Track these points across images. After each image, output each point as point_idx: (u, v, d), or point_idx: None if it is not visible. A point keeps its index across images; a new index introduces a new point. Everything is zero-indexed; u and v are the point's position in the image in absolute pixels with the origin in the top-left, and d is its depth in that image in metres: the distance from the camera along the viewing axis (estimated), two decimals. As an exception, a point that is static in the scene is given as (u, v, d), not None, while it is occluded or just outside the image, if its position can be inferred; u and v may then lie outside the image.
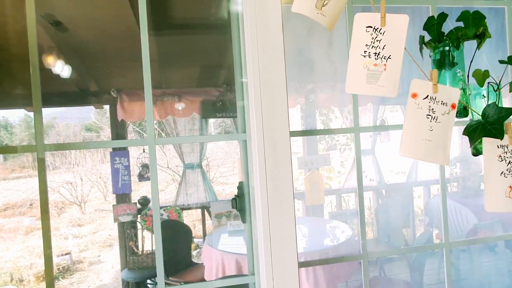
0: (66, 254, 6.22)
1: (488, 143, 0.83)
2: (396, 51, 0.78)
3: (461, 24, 0.84)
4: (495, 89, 0.78)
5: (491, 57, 0.89)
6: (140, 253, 4.13)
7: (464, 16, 0.82)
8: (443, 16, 0.82)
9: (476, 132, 0.76)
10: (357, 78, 0.80)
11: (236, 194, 1.02)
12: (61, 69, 3.46)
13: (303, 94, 4.54)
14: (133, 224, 4.14)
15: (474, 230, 3.44)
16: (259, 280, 0.93)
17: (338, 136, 4.98)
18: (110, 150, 3.96)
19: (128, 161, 4.08)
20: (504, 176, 0.82)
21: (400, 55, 0.78)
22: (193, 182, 4.39)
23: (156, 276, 3.66)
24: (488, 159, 0.83)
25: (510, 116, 0.72)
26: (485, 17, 0.83)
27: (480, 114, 0.75)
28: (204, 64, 4.10)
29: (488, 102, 0.84)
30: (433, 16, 0.84)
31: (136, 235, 4.13)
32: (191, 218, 6.38)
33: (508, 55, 1.17)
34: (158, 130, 9.11)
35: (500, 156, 0.83)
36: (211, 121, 5.14)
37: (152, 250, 3.97)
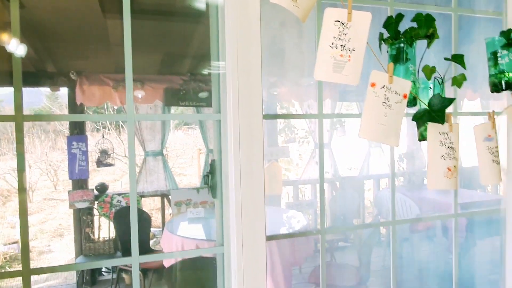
0: (13, 243, 5.95)
1: (432, 130, 0.96)
2: (359, 44, 0.89)
3: (415, 24, 0.96)
4: (440, 82, 0.91)
5: (438, 55, 1.03)
6: (96, 240, 4.06)
7: (418, 17, 0.95)
8: (400, 17, 0.94)
9: (423, 118, 0.88)
10: (324, 66, 0.90)
11: (209, 171, 1.09)
12: (16, 47, 3.30)
13: (265, 87, 4.65)
14: (89, 211, 4.05)
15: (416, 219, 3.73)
16: (229, 251, 1.01)
17: (298, 130, 5.15)
18: (67, 134, 3.83)
19: (86, 146, 3.98)
20: (444, 159, 0.96)
21: (363, 48, 0.89)
22: (153, 169, 4.36)
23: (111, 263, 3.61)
24: (431, 144, 0.96)
25: (450, 104, 0.85)
26: (435, 20, 0.96)
27: (427, 103, 0.88)
28: (169, 51, 4.07)
29: (434, 93, 0.97)
30: (391, 16, 0.96)
31: (92, 222, 4.05)
32: (149, 207, 6.32)
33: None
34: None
35: (441, 141, 0.96)
36: (173, 109, 5.11)
37: (109, 237, 3.92)
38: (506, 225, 1.26)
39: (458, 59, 0.90)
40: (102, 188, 4.20)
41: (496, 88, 1.09)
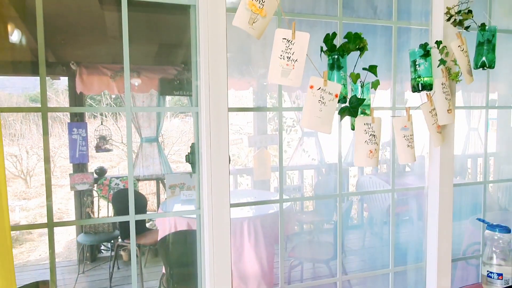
0: (14, 224, 6.24)
1: (358, 121, 1.26)
2: (301, 56, 1.18)
3: (346, 40, 1.25)
4: (362, 85, 1.21)
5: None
6: (96, 219, 4.37)
7: (348, 36, 1.23)
8: (334, 35, 1.23)
9: (344, 112, 1.18)
10: (275, 72, 1.19)
11: (189, 151, 1.39)
12: (18, 38, 3.55)
13: (255, 78, 4.91)
14: (89, 193, 4.35)
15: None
16: (203, 210, 1.32)
17: (286, 119, 5.44)
18: (68, 121, 4.09)
19: (86, 132, 4.26)
20: (367, 143, 1.26)
21: (303, 59, 1.18)
22: (149, 155, 4.66)
23: (109, 240, 3.94)
24: (357, 131, 1.27)
25: (362, 103, 1.15)
26: (362, 37, 1.25)
27: (348, 101, 1.18)
28: (163, 42, 4.33)
29: (361, 95, 1.27)
30: (329, 34, 1.24)
31: (92, 203, 4.36)
32: (145, 191, 6.63)
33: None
34: (113, 104, 9.08)
35: (365, 130, 1.26)
36: (168, 98, 5.37)
37: (108, 216, 4.23)
38: (428, 199, 1.58)
39: (372, 69, 1.19)
40: (101, 171, 4.49)
41: (415, 89, 1.39)
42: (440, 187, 1.51)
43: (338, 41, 1.33)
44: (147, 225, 5.57)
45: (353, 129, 1.30)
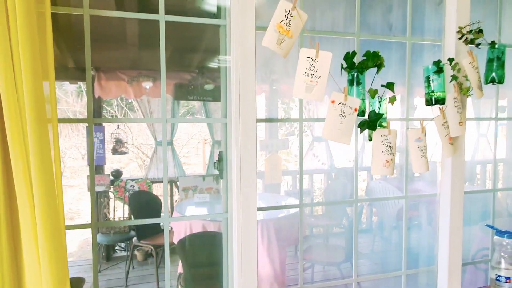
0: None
1: (376, 133, 1.36)
2: (323, 73, 1.29)
3: (365, 58, 1.35)
4: (379, 100, 1.31)
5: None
6: (112, 219, 4.50)
7: (367, 54, 1.34)
8: (354, 53, 1.33)
9: (364, 126, 1.29)
10: (300, 88, 1.30)
11: (218, 159, 1.50)
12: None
13: (268, 83, 5.03)
14: (105, 194, 4.49)
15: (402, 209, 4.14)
16: (231, 216, 1.42)
17: (297, 124, 5.53)
18: (86, 124, 4.22)
19: (103, 135, 4.40)
20: (383, 154, 1.36)
21: (326, 76, 1.28)
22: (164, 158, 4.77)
23: (125, 240, 4.06)
24: (375, 142, 1.37)
25: (380, 117, 1.25)
26: (380, 55, 1.35)
27: (367, 116, 1.28)
28: (179, 49, 4.46)
29: (379, 109, 1.37)
30: (349, 52, 1.35)
31: (108, 204, 4.50)
32: (158, 192, 6.77)
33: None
34: (125, 110, 9.24)
35: (382, 141, 1.36)
36: (182, 102, 5.51)
37: (124, 217, 4.36)
38: (440, 206, 1.67)
39: (389, 86, 1.29)
40: (117, 173, 4.63)
41: (428, 103, 1.48)
42: (451, 195, 1.61)
43: (357, 58, 1.43)
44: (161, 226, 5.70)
45: (370, 140, 1.40)
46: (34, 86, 1.03)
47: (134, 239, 4.02)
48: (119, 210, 4.61)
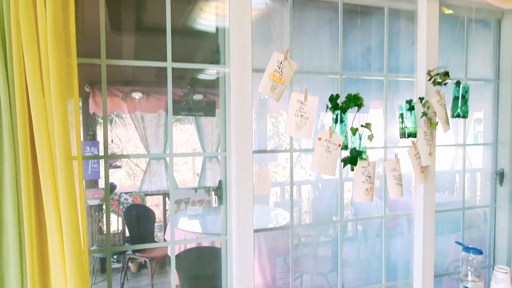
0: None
1: (358, 164, 1.56)
2: (311, 114, 1.49)
3: (347, 99, 1.56)
4: (359, 137, 1.52)
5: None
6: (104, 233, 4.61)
7: (348, 96, 1.55)
8: (337, 96, 1.54)
9: (346, 161, 1.49)
10: (291, 127, 1.49)
11: (217, 186, 1.68)
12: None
13: (256, 98, 5.23)
14: (100, 207, 4.61)
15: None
16: (231, 238, 1.61)
17: (285, 137, 5.75)
18: (81, 139, 4.36)
19: (98, 150, 4.52)
20: (363, 183, 1.56)
21: (313, 116, 1.48)
22: (156, 171, 4.93)
23: (119, 253, 4.18)
24: (356, 174, 1.57)
25: (360, 154, 1.46)
26: (360, 97, 1.56)
27: (349, 152, 1.49)
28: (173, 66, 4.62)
29: (360, 143, 1.58)
30: (332, 95, 1.55)
31: (103, 217, 4.61)
32: (150, 203, 6.88)
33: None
34: (117, 121, 9.32)
35: (362, 172, 1.57)
36: (174, 117, 5.67)
37: (118, 230, 4.48)
38: (414, 225, 1.88)
39: (367, 126, 1.50)
40: (111, 187, 4.75)
41: (402, 136, 1.70)
42: (424, 215, 1.82)
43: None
44: (156, 238, 5.82)
45: (352, 170, 1.61)
46: (63, 127, 1.20)
47: (129, 251, 4.14)
48: (113, 224, 4.73)
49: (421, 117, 1.72)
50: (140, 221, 4.37)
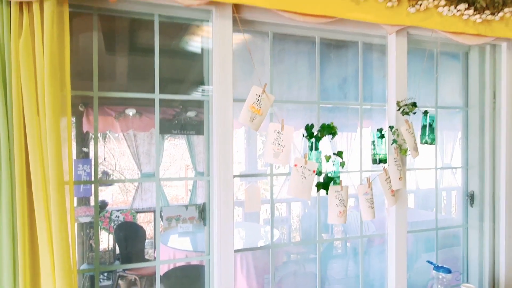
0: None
1: (331, 189, 1.68)
2: (287, 143, 1.61)
3: (321, 129, 1.69)
4: (333, 164, 1.64)
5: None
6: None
7: (323, 126, 1.68)
8: (312, 126, 1.67)
9: (320, 186, 1.61)
10: (269, 155, 1.61)
11: (202, 209, 1.79)
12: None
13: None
14: (91, 225, 4.66)
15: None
16: (213, 258, 1.71)
17: (275, 155, 5.85)
18: (74, 158, 4.44)
19: (90, 168, 4.60)
20: (337, 206, 1.68)
21: (290, 145, 1.61)
22: (148, 189, 5.00)
23: (109, 271, 4.22)
24: (330, 197, 1.69)
25: (331, 181, 1.58)
26: (333, 126, 1.69)
27: (323, 178, 1.61)
28: (164, 86, 4.75)
29: (336, 169, 1.70)
30: (308, 124, 1.68)
31: (94, 235, 4.65)
32: (138, 221, 6.92)
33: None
34: (111, 138, 9.39)
35: (336, 196, 1.69)
36: (166, 136, 5.80)
37: (109, 248, 4.53)
38: (387, 244, 2.00)
39: (339, 154, 1.63)
40: (103, 204, 4.82)
41: (374, 162, 1.83)
42: (396, 236, 1.94)
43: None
44: (147, 255, 5.85)
45: (327, 193, 1.72)
46: (56, 153, 1.31)
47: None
48: (104, 241, 4.78)
49: (391, 144, 1.85)
50: (130, 239, 4.43)
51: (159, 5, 1.58)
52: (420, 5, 1.77)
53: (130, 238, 4.45)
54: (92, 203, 4.89)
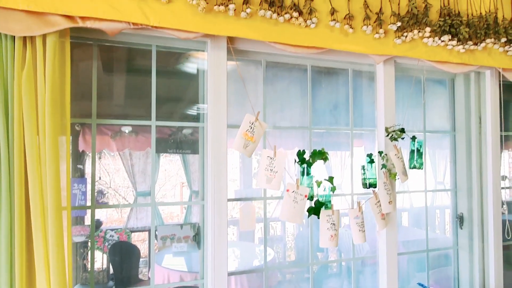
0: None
1: (322, 213, 1.73)
2: (280, 168, 1.66)
3: (312, 155, 1.74)
4: (323, 190, 1.70)
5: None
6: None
7: (314, 152, 1.73)
8: (303, 152, 1.73)
9: (311, 211, 1.66)
10: (262, 180, 1.66)
11: (196, 233, 1.83)
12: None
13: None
14: (85, 244, 4.64)
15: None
16: (207, 282, 1.74)
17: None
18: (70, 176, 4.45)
19: (86, 187, 4.62)
20: (328, 230, 1.72)
21: (282, 170, 1.66)
22: (143, 208, 5.01)
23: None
24: (322, 221, 1.73)
25: (322, 206, 1.63)
26: (324, 152, 1.75)
27: (313, 203, 1.66)
28: (160, 107, 4.82)
29: (326, 194, 1.75)
30: (300, 150, 1.74)
31: (88, 254, 4.63)
32: (132, 240, 6.87)
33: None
34: (108, 156, 9.39)
35: (327, 220, 1.73)
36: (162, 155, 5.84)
37: (103, 268, 4.50)
38: (378, 266, 2.03)
39: (330, 180, 1.69)
40: (97, 223, 4.80)
41: (364, 186, 1.88)
42: (387, 257, 1.98)
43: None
44: (141, 275, 5.80)
45: (318, 218, 1.77)
46: (55, 177, 1.35)
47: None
48: (98, 261, 4.75)
49: (381, 169, 1.91)
50: (125, 259, 4.41)
51: (157, 37, 1.65)
52: (406, 36, 1.86)
53: (125, 258, 4.43)
54: (86, 222, 4.89)
